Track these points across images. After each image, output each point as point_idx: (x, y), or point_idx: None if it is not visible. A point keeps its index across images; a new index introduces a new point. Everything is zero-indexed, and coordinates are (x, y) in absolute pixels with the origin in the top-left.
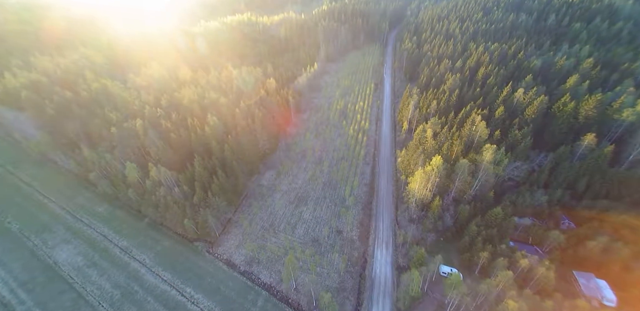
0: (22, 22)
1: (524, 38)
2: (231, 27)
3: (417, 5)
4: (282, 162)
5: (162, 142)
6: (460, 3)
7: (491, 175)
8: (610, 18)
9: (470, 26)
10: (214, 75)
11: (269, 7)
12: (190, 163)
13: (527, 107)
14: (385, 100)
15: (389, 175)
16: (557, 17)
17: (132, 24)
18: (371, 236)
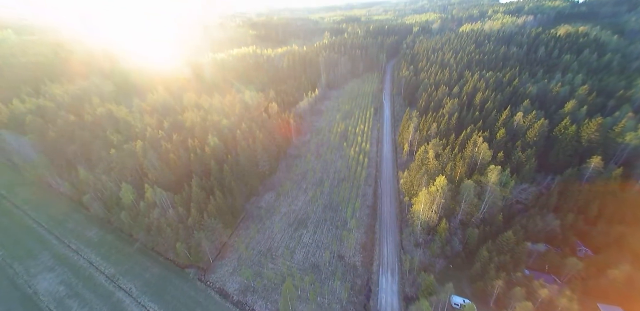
0: (37, 54)
1: (517, 67)
2: (237, 58)
3: (412, 39)
4: (282, 183)
5: (161, 162)
6: (452, 37)
7: (498, 197)
8: (598, 50)
9: (464, 56)
10: (217, 99)
11: (273, 42)
12: (188, 183)
13: (527, 130)
14: (385, 123)
15: (391, 197)
16: (547, 49)
17: (143, 55)
18: (375, 262)
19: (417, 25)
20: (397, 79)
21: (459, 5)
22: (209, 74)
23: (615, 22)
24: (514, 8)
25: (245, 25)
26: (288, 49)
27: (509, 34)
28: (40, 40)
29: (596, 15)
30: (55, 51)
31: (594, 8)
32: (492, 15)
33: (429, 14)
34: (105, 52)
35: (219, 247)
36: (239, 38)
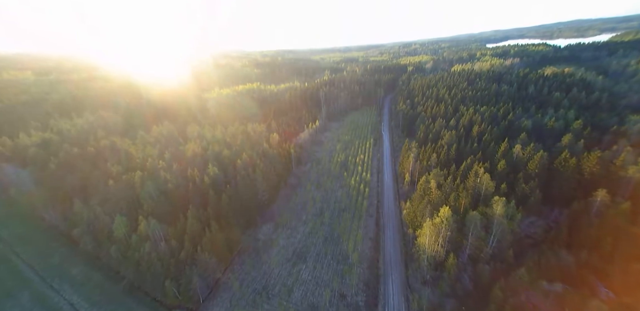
0: (51, 92)
1: (510, 103)
2: (242, 93)
3: (407, 77)
4: (281, 214)
5: (158, 192)
6: (445, 75)
7: (506, 230)
8: (586, 89)
9: (457, 93)
10: (220, 130)
11: (277, 79)
12: (184, 214)
13: (528, 162)
14: (385, 153)
15: (395, 229)
16: (536, 87)
17: (152, 91)
18: (380, 302)
19: (412, 65)
20: (394, 112)
21: (449, 49)
22: (214, 108)
23: (598, 64)
24: (500, 51)
25: (251, 64)
26: (290, 85)
27: (498, 73)
28: (56, 79)
29: (578, 58)
30: (68, 89)
31: (576, 52)
32: (481, 58)
33: (421, 56)
34: (115, 87)
35: (211, 285)
36: (245, 76)
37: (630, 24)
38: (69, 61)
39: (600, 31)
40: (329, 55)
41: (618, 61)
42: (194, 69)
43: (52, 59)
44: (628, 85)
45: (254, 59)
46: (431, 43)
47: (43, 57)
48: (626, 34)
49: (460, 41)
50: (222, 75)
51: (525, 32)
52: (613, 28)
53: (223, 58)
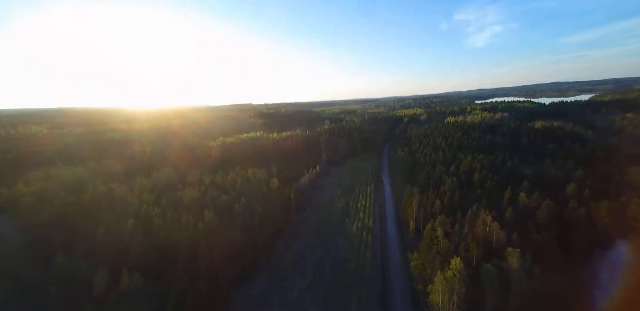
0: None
1: (506, 152)
2: (244, 141)
3: (404, 126)
4: (277, 265)
5: (148, 243)
6: (440, 125)
7: (527, 287)
8: (579, 141)
9: (454, 141)
10: (220, 175)
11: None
12: (172, 266)
13: (536, 211)
14: (386, 199)
15: (403, 283)
16: (529, 138)
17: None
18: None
19: (407, 117)
20: (394, 159)
21: (440, 103)
22: (216, 155)
23: (584, 120)
24: (489, 106)
25: (255, 116)
26: (292, 133)
27: (490, 125)
28: (67, 132)
29: (564, 114)
30: (77, 140)
31: (561, 109)
32: (472, 111)
33: (415, 109)
34: (122, 138)
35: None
36: (249, 126)
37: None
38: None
39: (579, 92)
40: (329, 107)
41: (604, 117)
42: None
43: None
44: (619, 139)
45: (259, 111)
46: (423, 98)
47: (62, 111)
48: (604, 94)
49: (450, 97)
50: (227, 125)
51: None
52: (591, 89)
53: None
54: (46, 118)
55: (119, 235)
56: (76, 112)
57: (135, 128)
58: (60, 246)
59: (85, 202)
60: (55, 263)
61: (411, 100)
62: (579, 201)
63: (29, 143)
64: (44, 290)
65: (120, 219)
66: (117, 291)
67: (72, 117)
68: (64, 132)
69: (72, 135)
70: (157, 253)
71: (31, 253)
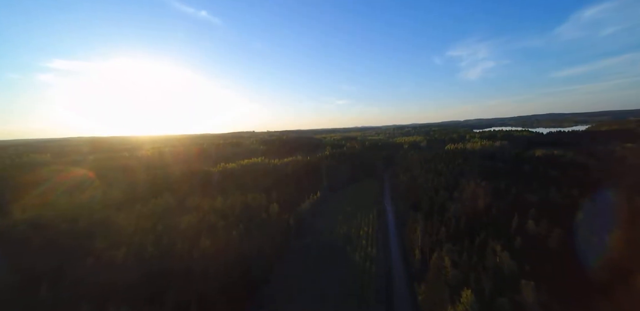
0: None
1: (509, 179)
2: (246, 167)
3: (405, 152)
4: (275, 298)
5: (139, 273)
6: (441, 152)
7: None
8: (582, 169)
9: (455, 167)
10: (219, 201)
11: (281, 155)
12: (162, 296)
13: (547, 239)
14: (389, 225)
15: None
16: (531, 165)
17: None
18: None
19: (407, 144)
20: (395, 184)
21: (439, 131)
22: (216, 181)
23: (584, 149)
24: (487, 135)
25: (257, 142)
26: (293, 159)
27: (490, 152)
28: (70, 161)
29: (563, 143)
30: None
31: (559, 138)
32: (471, 139)
33: (415, 136)
34: (122, 165)
35: None
36: (251, 152)
37: (602, 118)
38: (89, 144)
39: (575, 123)
40: (330, 134)
41: (604, 146)
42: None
43: (75, 143)
44: (623, 168)
45: (261, 138)
46: (422, 127)
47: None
48: (600, 125)
49: (449, 126)
50: (229, 152)
51: (506, 121)
52: (586, 120)
53: (233, 137)
54: (48, 148)
55: (109, 265)
56: (81, 142)
57: (137, 156)
58: (46, 277)
59: (79, 229)
60: (38, 296)
61: (410, 128)
62: (591, 231)
63: (31, 171)
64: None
65: (113, 247)
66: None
67: (76, 146)
68: (66, 160)
69: (75, 163)
70: (148, 283)
71: (14, 284)
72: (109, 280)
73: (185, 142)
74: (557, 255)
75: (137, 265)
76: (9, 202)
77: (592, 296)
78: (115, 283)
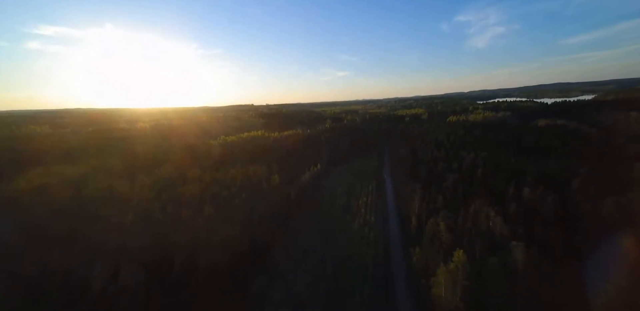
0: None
1: (509, 149)
2: (246, 140)
3: (406, 125)
4: (277, 263)
5: (148, 237)
6: (442, 124)
7: (532, 282)
8: (584, 139)
9: (456, 139)
10: (221, 172)
11: (281, 128)
12: (171, 259)
13: (541, 206)
14: (388, 196)
15: (406, 278)
16: (533, 136)
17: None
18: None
19: (408, 116)
20: (395, 157)
21: (442, 103)
22: (217, 153)
23: (588, 119)
24: (491, 106)
25: (257, 116)
26: (293, 132)
27: (493, 123)
28: (70, 132)
29: (567, 113)
30: (80, 139)
31: (564, 108)
32: (474, 111)
33: (417, 109)
34: (124, 137)
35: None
36: (251, 125)
37: (608, 87)
38: (88, 116)
39: (581, 92)
40: (330, 108)
41: (607, 117)
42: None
43: (74, 114)
44: (624, 138)
45: (260, 111)
46: (425, 99)
47: (66, 113)
48: (607, 94)
49: (452, 98)
50: (229, 125)
51: (511, 92)
52: (593, 90)
53: (231, 111)
54: (47, 119)
55: (118, 229)
56: (78, 113)
57: (137, 128)
58: (58, 241)
59: (85, 197)
60: (53, 259)
61: (413, 100)
62: (585, 196)
63: (33, 142)
64: (42, 286)
65: (120, 214)
66: (116, 285)
67: (74, 118)
68: (66, 131)
69: (75, 134)
70: (157, 247)
71: (29, 249)
72: (120, 243)
73: (183, 114)
74: (550, 220)
75: (145, 229)
76: (13, 171)
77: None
78: (125, 246)
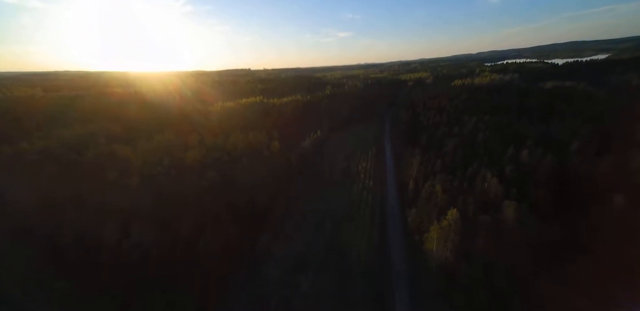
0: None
1: (513, 113)
2: (244, 106)
3: (408, 90)
4: (279, 223)
5: (154, 198)
6: (446, 88)
7: (521, 237)
8: (589, 101)
9: (459, 104)
10: (221, 139)
11: (280, 94)
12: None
13: (537, 167)
14: (388, 161)
15: (400, 237)
16: (538, 99)
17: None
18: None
19: (412, 81)
20: (396, 123)
21: (448, 67)
22: (216, 119)
23: (598, 80)
24: (499, 68)
25: (255, 81)
26: (293, 98)
27: (498, 86)
28: (63, 96)
29: (578, 74)
30: (74, 103)
31: (575, 69)
32: (480, 73)
33: (421, 73)
34: (120, 102)
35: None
36: (249, 91)
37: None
38: (80, 79)
39: (596, 52)
40: (330, 73)
41: (618, 77)
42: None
43: (64, 77)
44: (631, 98)
45: (258, 76)
46: (430, 62)
47: (56, 76)
48: (623, 52)
49: (459, 60)
50: (226, 91)
51: (522, 52)
52: (609, 49)
53: (227, 76)
54: (39, 82)
55: (125, 192)
56: (70, 76)
57: (131, 93)
58: (69, 202)
59: (89, 160)
60: (65, 217)
61: (417, 64)
62: (583, 157)
63: (27, 105)
64: (58, 243)
65: (125, 177)
66: (128, 241)
67: (65, 81)
68: (60, 95)
69: (70, 97)
70: (164, 208)
71: (41, 208)
72: (128, 204)
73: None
74: (544, 180)
75: (151, 191)
76: (12, 133)
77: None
78: (134, 207)
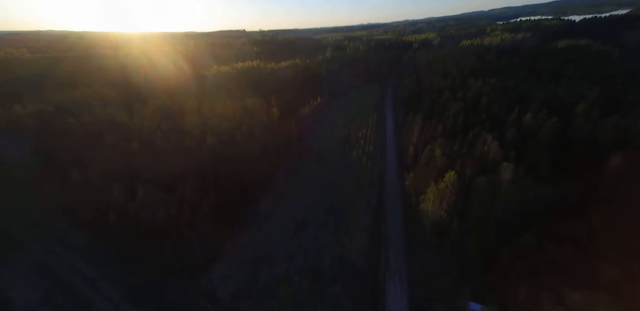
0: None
1: (522, 74)
2: (241, 71)
3: (413, 53)
4: (281, 188)
5: (156, 162)
6: (453, 50)
7: (514, 197)
8: (602, 61)
9: (466, 66)
10: (219, 105)
11: (277, 58)
12: (182, 183)
13: (539, 130)
14: (388, 128)
15: (397, 199)
16: (549, 59)
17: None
18: (381, 267)
19: (417, 42)
20: (399, 88)
21: (457, 26)
22: (212, 84)
23: (614, 38)
24: (511, 26)
25: (250, 43)
26: (291, 63)
27: (509, 46)
28: (51, 57)
29: (594, 32)
30: (63, 65)
31: (591, 26)
32: (491, 33)
33: (428, 34)
34: (111, 65)
35: (212, 251)
36: (244, 54)
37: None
38: (65, 40)
39: (617, 6)
40: (331, 34)
41: (636, 35)
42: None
43: (48, 38)
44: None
45: (253, 38)
46: (438, 21)
47: (38, 36)
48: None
49: (469, 19)
50: (220, 54)
51: (537, 8)
52: (631, 3)
53: (221, 37)
54: (22, 42)
55: (127, 156)
56: (54, 36)
57: (122, 55)
58: (70, 166)
59: (86, 124)
60: (71, 179)
61: (424, 23)
62: (586, 119)
63: (14, 66)
64: (69, 202)
65: (125, 141)
66: (135, 202)
67: (51, 42)
68: (47, 56)
69: (58, 59)
70: (166, 172)
71: (45, 171)
72: (131, 167)
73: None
74: (544, 142)
75: (152, 155)
76: (4, 96)
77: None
78: (137, 170)
